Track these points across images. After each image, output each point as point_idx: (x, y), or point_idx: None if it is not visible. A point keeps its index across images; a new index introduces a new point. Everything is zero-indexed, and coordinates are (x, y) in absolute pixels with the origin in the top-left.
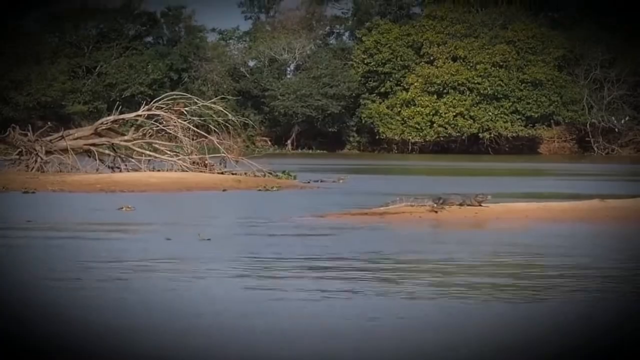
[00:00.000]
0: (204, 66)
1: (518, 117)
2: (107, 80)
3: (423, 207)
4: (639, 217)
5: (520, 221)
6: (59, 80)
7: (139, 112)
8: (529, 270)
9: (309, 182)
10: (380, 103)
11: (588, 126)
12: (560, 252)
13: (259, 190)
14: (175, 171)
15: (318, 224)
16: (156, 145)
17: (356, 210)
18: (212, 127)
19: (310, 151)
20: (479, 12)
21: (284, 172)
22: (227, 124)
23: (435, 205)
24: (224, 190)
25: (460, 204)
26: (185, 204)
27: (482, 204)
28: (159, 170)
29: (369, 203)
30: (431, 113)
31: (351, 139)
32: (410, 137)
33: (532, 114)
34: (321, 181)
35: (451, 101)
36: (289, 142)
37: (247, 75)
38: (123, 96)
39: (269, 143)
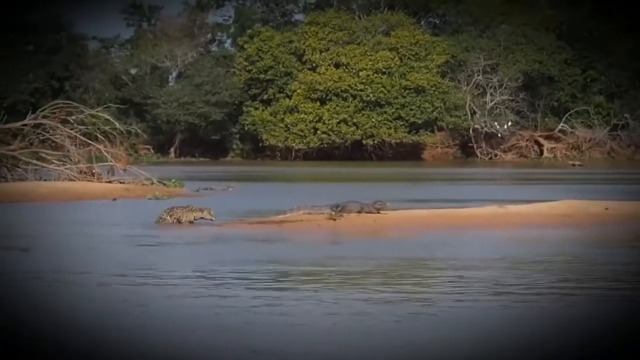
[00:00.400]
0: (85, 74)
1: (401, 123)
2: None
3: (321, 214)
4: (539, 222)
5: (421, 229)
6: None
7: (25, 121)
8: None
9: (197, 191)
10: (263, 110)
11: (471, 131)
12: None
13: (149, 199)
14: (63, 180)
15: (216, 233)
16: (43, 155)
17: (253, 219)
18: (98, 136)
19: (194, 159)
20: (361, 19)
21: (171, 180)
22: (112, 133)
23: (333, 213)
24: (114, 199)
25: (359, 212)
26: (81, 213)
27: (381, 211)
28: (46, 180)
29: (262, 211)
30: (314, 120)
31: (234, 146)
32: (294, 144)
33: (416, 120)
34: (210, 189)
35: (334, 108)
36: (171, 150)
37: (129, 83)
38: (4, 105)
39: (152, 151)
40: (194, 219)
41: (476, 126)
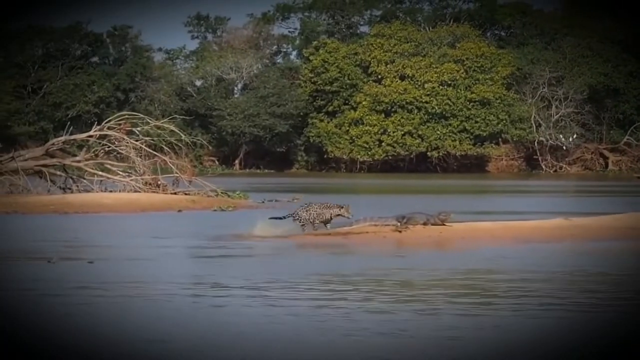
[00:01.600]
0: (150, 86)
1: (466, 135)
2: (52, 100)
3: (387, 226)
4: (606, 235)
5: (487, 241)
6: (4, 101)
7: (91, 133)
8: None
9: (262, 202)
10: (328, 122)
11: (536, 144)
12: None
13: (215, 210)
14: (128, 192)
15: (284, 245)
16: (108, 166)
17: (319, 230)
18: (163, 147)
19: (259, 171)
20: (427, 31)
21: (235, 192)
22: (177, 144)
23: (399, 224)
24: (179, 210)
25: (424, 223)
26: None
27: (445, 223)
28: (111, 191)
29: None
30: (379, 132)
31: (299, 158)
32: (358, 156)
33: (481, 132)
34: (276, 200)
35: (399, 120)
36: (236, 161)
37: (194, 95)
38: (69, 116)
39: (217, 163)
40: (331, 217)
41: (541, 139)
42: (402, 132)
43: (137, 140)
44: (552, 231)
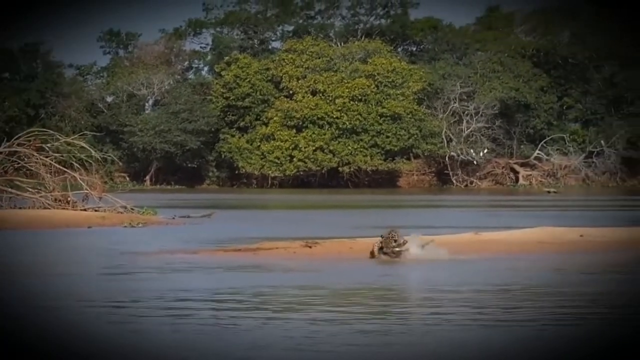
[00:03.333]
0: (61, 102)
1: (377, 150)
2: None
3: (296, 242)
4: (516, 249)
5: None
6: None
7: (0, 149)
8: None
9: (173, 218)
10: (239, 137)
11: (447, 159)
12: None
13: (125, 226)
14: (38, 208)
15: (192, 261)
16: (17, 183)
17: (229, 247)
18: (74, 163)
19: (169, 186)
20: (338, 46)
21: (143, 208)
22: (87, 160)
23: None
24: (89, 227)
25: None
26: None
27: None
28: (20, 208)
29: (240, 238)
30: (291, 147)
31: (210, 173)
32: (270, 172)
33: (392, 147)
34: (188, 217)
35: (310, 135)
36: (147, 177)
37: (105, 111)
38: None
39: (127, 179)
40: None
41: (452, 153)
42: (314, 148)
43: (47, 157)
44: (462, 245)
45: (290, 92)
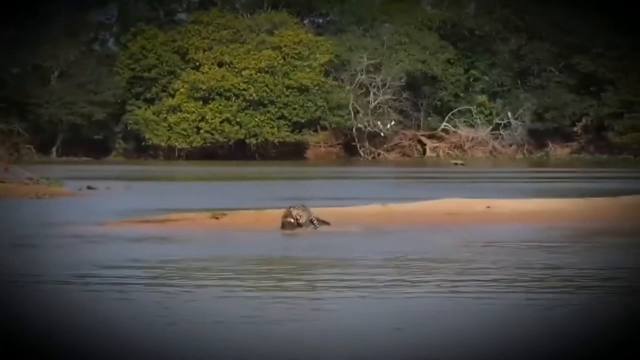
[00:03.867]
0: None
1: (284, 122)
2: None
3: (203, 214)
4: (423, 220)
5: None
6: None
7: None
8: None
9: (80, 190)
10: (146, 109)
11: (354, 131)
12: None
13: (31, 198)
14: None
15: (100, 233)
16: None
17: (137, 218)
18: None
19: (76, 158)
20: (245, 18)
21: (50, 180)
22: None
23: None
24: None
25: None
26: None
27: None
28: None
29: (146, 210)
30: (197, 119)
31: (117, 145)
32: (176, 143)
33: (299, 119)
34: (89, 188)
35: (217, 107)
36: (53, 149)
37: (10, 82)
38: None
39: (33, 151)
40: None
41: (359, 125)
42: (220, 119)
43: None
44: (370, 217)
45: (197, 63)
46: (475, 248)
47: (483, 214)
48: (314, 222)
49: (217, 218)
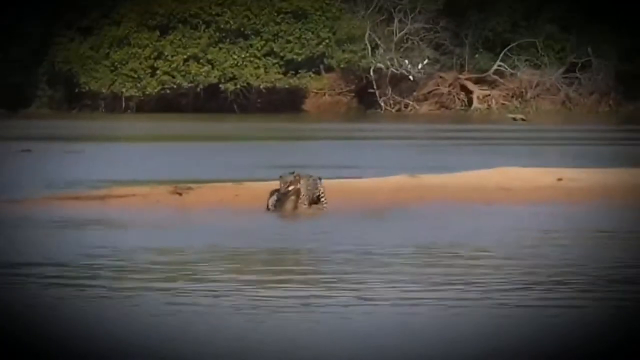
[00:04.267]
0: None
1: (274, 61)
2: None
3: (160, 187)
4: (464, 197)
5: None
6: None
7: None
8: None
9: None
10: (80, 42)
11: (372, 73)
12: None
13: None
14: None
15: (15, 214)
16: None
17: (65, 194)
18: None
19: None
20: None
21: None
22: None
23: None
24: None
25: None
26: None
27: None
28: None
29: (76, 181)
30: (152, 56)
31: (40, 92)
32: (124, 90)
33: (294, 56)
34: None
35: (179, 39)
36: None
37: None
38: None
39: None
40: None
41: (379, 65)
42: (185, 57)
43: None
44: (393, 192)
45: None
46: (538, 236)
47: (551, 189)
48: (322, 198)
49: (179, 194)
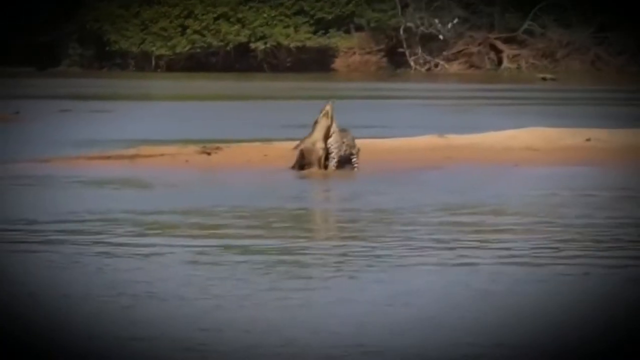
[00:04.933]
0: None
1: (304, 20)
2: None
3: (189, 147)
4: (494, 158)
5: None
6: None
7: None
8: None
9: (17, 113)
10: (111, 0)
11: (402, 32)
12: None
13: None
14: None
15: (44, 173)
16: None
17: (95, 153)
18: None
19: (11, 69)
20: None
21: None
22: None
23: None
24: None
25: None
26: None
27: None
28: None
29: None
30: (182, 15)
31: (70, 51)
32: (154, 49)
33: (324, 15)
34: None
35: None
36: None
37: None
38: None
39: None
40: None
41: (409, 24)
42: (215, 15)
43: None
44: (422, 152)
45: None
46: (565, 198)
47: (580, 149)
48: (353, 158)
49: (208, 153)
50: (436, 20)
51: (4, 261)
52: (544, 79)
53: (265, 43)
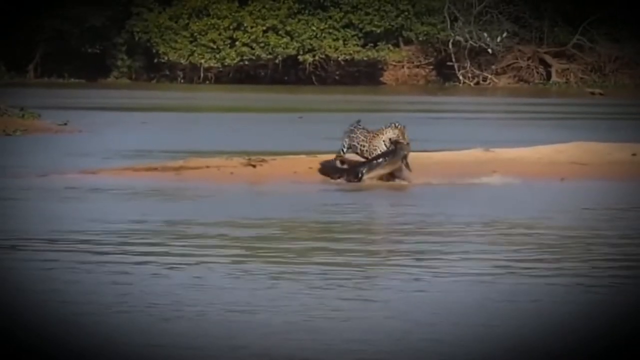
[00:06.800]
0: None
1: (353, 33)
2: None
3: (235, 159)
4: (540, 171)
5: None
6: None
7: None
8: None
9: (65, 124)
10: (160, 12)
11: (451, 46)
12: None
13: None
14: None
15: (90, 184)
16: None
17: (141, 165)
18: None
19: (62, 80)
20: None
21: (23, 109)
22: None
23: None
24: None
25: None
26: None
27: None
28: None
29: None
30: (231, 27)
31: (119, 62)
32: (202, 61)
33: (373, 28)
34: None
35: (259, 10)
36: (31, 67)
37: None
38: None
39: (4, 68)
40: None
41: (458, 38)
42: (264, 28)
43: None
44: (467, 166)
45: None
46: (609, 213)
47: (626, 164)
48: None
49: (253, 166)
50: (485, 34)
51: (59, 275)
52: (592, 93)
53: (314, 56)
